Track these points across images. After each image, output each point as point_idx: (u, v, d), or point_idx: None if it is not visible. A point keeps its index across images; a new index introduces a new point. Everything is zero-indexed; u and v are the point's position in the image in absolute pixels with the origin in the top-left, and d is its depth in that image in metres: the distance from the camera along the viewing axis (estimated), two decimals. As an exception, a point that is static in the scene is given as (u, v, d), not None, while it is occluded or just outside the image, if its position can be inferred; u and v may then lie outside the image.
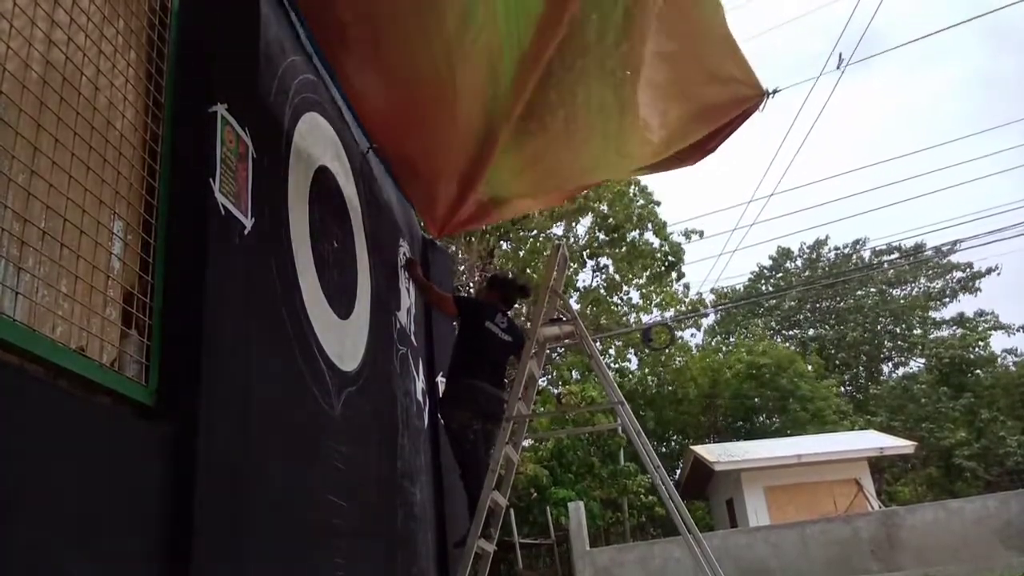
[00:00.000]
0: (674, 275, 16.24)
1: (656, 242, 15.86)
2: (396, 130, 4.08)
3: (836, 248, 32.72)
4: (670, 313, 17.45)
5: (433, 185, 4.50)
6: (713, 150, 4.31)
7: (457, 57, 3.23)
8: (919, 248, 27.59)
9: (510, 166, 4.29)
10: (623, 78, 3.67)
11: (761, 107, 3.98)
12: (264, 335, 2.57)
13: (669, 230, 15.92)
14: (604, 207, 15.43)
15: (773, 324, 32.44)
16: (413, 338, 4.91)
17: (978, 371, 25.83)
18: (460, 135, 3.82)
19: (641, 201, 15.66)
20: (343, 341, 3.44)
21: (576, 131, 4.02)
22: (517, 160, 4.24)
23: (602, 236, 15.81)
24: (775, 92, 3.98)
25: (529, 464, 14.68)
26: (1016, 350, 28.18)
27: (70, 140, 1.81)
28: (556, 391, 16.72)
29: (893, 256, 29.92)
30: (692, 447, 18.45)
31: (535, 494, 15.17)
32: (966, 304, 29.98)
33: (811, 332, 32.11)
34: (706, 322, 29.65)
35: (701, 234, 16.70)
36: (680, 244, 16.11)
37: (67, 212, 1.75)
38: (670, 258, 15.88)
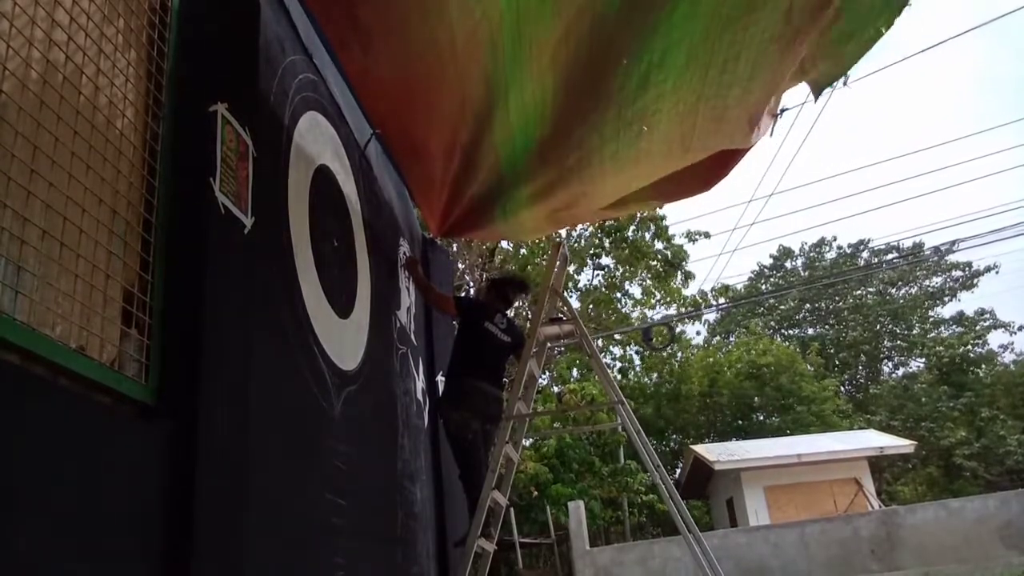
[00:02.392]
0: (679, 275, 16.04)
1: (659, 244, 15.69)
2: (399, 108, 4.11)
3: (839, 248, 32.79)
4: (672, 310, 17.36)
5: (434, 166, 4.53)
6: (726, 175, 4.35)
7: (460, 32, 3.27)
8: (918, 247, 27.60)
9: (526, 193, 4.39)
10: (639, 132, 3.74)
11: (770, 131, 4.03)
12: (264, 334, 2.57)
13: (672, 231, 15.76)
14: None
15: (772, 323, 32.46)
16: (413, 337, 4.91)
17: (978, 370, 25.83)
18: (460, 108, 3.87)
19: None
20: (343, 340, 3.44)
21: (589, 172, 4.11)
22: (532, 188, 4.41)
23: (599, 240, 15.73)
24: (783, 112, 4.02)
25: (530, 463, 14.68)
26: (1013, 345, 28.19)
27: (70, 139, 1.81)
28: (557, 390, 16.71)
29: (891, 256, 29.94)
30: (692, 446, 18.48)
31: (535, 492, 15.16)
32: (966, 304, 30.03)
33: (811, 332, 32.12)
34: (708, 318, 29.64)
35: (707, 235, 16.37)
36: (683, 246, 15.88)
37: (67, 211, 1.75)
38: (672, 259, 15.68)
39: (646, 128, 3.76)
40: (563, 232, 16.14)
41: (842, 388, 28.81)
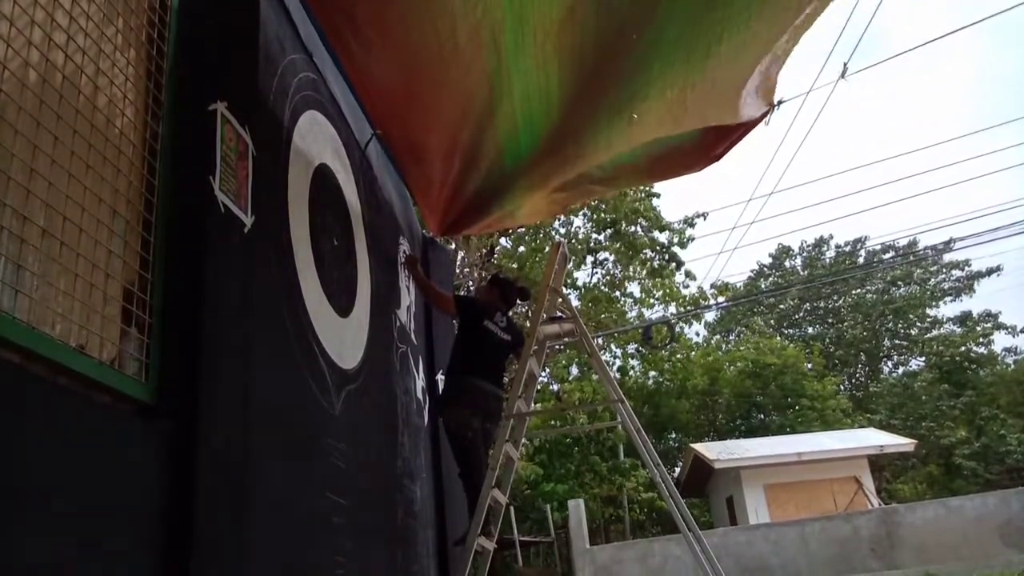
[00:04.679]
0: (673, 265, 15.91)
1: (656, 234, 15.58)
2: (400, 110, 4.11)
3: (837, 247, 32.77)
4: (672, 309, 17.32)
5: (435, 168, 4.52)
6: (719, 158, 4.36)
7: (462, 32, 3.26)
8: (912, 245, 27.63)
9: (526, 183, 4.43)
10: (629, 120, 3.75)
11: (767, 120, 4.04)
12: (264, 333, 2.57)
13: (669, 219, 15.66)
14: (596, 201, 15.21)
15: (772, 322, 32.43)
16: (413, 336, 4.91)
17: (978, 369, 25.80)
18: (462, 109, 3.86)
19: (641, 195, 15.44)
20: (343, 339, 3.44)
21: (584, 157, 4.13)
22: (533, 177, 4.45)
23: (598, 233, 15.69)
24: (780, 103, 4.03)
25: (520, 462, 14.69)
26: (1017, 348, 28.17)
27: (70, 138, 1.81)
28: (555, 388, 16.72)
29: (889, 255, 29.94)
30: (692, 445, 18.46)
31: (528, 491, 15.17)
32: (969, 305, 29.99)
33: (810, 331, 32.09)
34: (708, 316, 29.57)
35: (704, 216, 16.21)
36: (684, 230, 15.71)
37: (67, 210, 1.75)
38: (672, 247, 15.52)
39: (636, 116, 3.75)
40: (559, 228, 16.18)
41: (842, 387, 28.79)
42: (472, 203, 4.80)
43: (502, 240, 15.10)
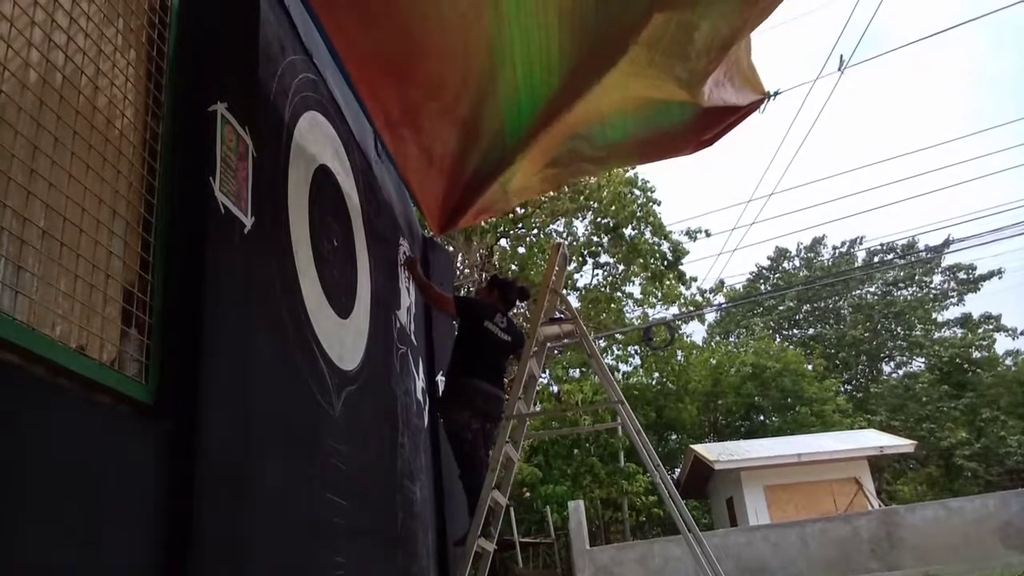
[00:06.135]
0: (673, 274, 15.99)
1: (656, 240, 15.66)
2: (400, 88, 4.07)
3: (834, 247, 32.77)
4: (673, 310, 17.36)
5: (434, 147, 4.48)
6: (710, 143, 4.34)
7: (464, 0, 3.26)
8: (911, 246, 27.62)
9: (524, 156, 4.36)
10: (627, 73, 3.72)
11: (761, 108, 4.02)
12: (264, 334, 2.57)
13: (669, 229, 15.75)
14: (598, 204, 15.25)
15: (772, 323, 32.41)
16: (413, 337, 4.91)
17: (979, 370, 25.79)
18: (462, 77, 3.84)
19: (642, 199, 15.50)
20: (343, 340, 3.44)
21: (579, 124, 4.09)
22: (532, 149, 4.35)
23: (599, 237, 15.73)
24: (776, 94, 4.00)
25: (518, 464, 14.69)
26: (1018, 351, 28.13)
27: (70, 139, 1.81)
28: (555, 389, 16.71)
29: (889, 256, 29.93)
30: (692, 446, 18.46)
31: (527, 493, 15.17)
32: (970, 306, 30.00)
33: (811, 331, 32.07)
34: (708, 318, 29.54)
35: (707, 233, 16.41)
36: (681, 243, 15.86)
37: (67, 210, 1.75)
38: (669, 257, 15.64)
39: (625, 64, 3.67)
40: (560, 228, 16.17)
41: (843, 387, 28.77)
42: (471, 184, 4.76)
43: (501, 241, 15.11)
